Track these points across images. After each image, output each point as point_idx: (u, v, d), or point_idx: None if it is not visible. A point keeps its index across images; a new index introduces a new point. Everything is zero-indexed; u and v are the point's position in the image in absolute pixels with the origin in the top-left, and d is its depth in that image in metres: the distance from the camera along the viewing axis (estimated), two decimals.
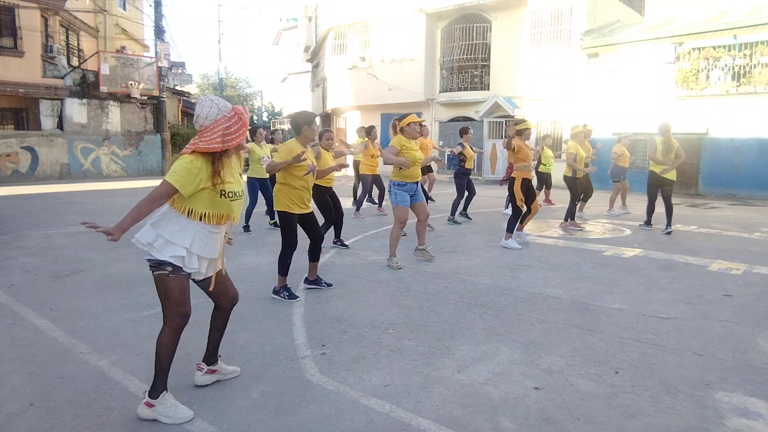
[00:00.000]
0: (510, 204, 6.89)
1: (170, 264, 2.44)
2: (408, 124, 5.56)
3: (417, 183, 5.64)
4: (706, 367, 3.14)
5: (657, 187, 7.81)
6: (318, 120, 5.07)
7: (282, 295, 4.47)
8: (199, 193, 2.45)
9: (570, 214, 7.91)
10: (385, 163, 5.63)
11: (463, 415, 2.57)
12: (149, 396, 2.51)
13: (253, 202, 7.86)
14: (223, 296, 2.77)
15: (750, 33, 13.15)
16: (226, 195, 2.51)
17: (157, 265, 2.45)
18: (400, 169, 5.47)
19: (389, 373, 3.02)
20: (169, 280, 2.45)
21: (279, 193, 4.44)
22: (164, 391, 2.53)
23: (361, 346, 3.44)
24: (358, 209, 9.40)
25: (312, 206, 4.64)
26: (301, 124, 4.38)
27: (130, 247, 6.49)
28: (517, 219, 6.65)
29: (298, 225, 4.51)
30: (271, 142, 8.29)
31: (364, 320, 3.93)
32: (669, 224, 7.78)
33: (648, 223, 8.17)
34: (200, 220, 2.50)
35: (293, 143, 4.41)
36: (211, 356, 2.87)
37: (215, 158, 2.46)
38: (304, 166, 4.32)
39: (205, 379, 2.86)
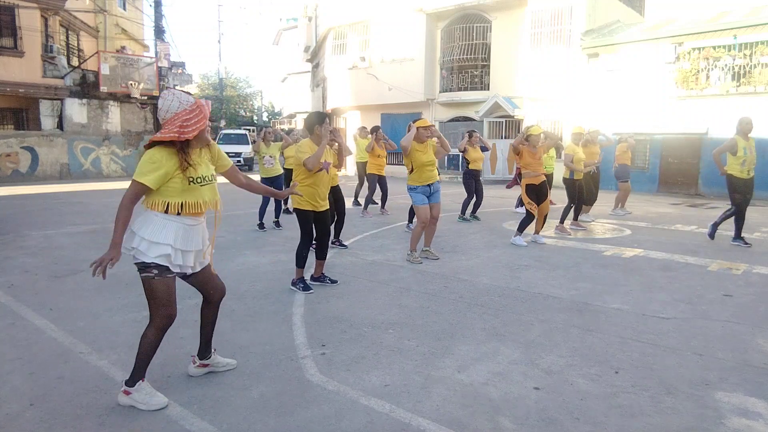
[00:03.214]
0: (522, 204, 7.05)
1: (156, 266, 2.52)
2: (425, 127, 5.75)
3: (430, 186, 5.79)
4: (706, 367, 3.14)
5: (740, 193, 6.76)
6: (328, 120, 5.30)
7: (298, 286, 4.67)
8: (171, 183, 2.52)
9: (564, 217, 7.96)
10: (402, 143, 5.66)
11: (463, 415, 2.57)
12: (126, 384, 2.62)
13: (265, 201, 7.95)
14: (213, 290, 2.86)
15: (750, 33, 13.13)
16: (195, 181, 2.57)
17: (143, 267, 2.54)
18: (411, 172, 5.71)
19: (389, 373, 3.02)
20: (155, 282, 2.54)
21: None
22: (141, 380, 2.62)
23: (361, 346, 3.44)
24: (365, 208, 9.54)
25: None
26: (313, 123, 4.59)
27: None
28: (530, 221, 6.81)
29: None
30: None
31: (364, 320, 3.93)
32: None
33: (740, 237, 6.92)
34: (178, 214, 2.55)
35: (307, 142, 4.58)
36: (203, 350, 2.96)
37: (178, 148, 2.53)
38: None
39: (197, 371, 2.97)
